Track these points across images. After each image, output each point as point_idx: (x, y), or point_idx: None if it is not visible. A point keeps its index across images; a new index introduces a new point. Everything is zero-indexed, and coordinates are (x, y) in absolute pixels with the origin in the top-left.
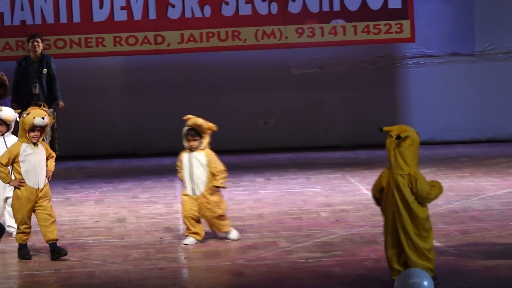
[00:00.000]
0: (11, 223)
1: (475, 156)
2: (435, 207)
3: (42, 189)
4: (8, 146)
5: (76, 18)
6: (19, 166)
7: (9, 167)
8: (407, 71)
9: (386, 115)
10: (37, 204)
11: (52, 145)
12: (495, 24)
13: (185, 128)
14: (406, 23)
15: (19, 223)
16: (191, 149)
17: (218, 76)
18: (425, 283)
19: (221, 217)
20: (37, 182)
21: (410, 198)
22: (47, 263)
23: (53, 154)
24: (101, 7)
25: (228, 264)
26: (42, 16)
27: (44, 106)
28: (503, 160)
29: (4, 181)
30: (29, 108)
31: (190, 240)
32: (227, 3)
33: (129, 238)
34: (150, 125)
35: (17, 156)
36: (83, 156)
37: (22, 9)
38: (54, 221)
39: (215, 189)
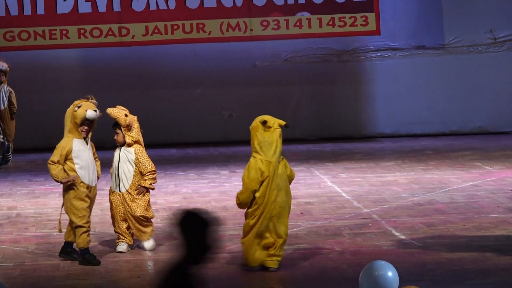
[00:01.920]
0: None
1: (440, 149)
2: (399, 199)
3: (94, 188)
4: None
5: (40, 10)
6: (72, 163)
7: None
8: (372, 64)
9: (351, 108)
10: None
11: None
12: (460, 18)
13: None
14: (371, 16)
15: (84, 222)
16: (117, 144)
17: (182, 69)
18: (390, 273)
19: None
20: (91, 180)
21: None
22: (11, 255)
23: (96, 155)
24: None
25: None
26: (6, 8)
27: (92, 99)
28: (467, 153)
29: (57, 179)
30: (77, 101)
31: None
32: None
33: (94, 231)
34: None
35: (69, 152)
36: (48, 148)
37: None
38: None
39: (143, 190)
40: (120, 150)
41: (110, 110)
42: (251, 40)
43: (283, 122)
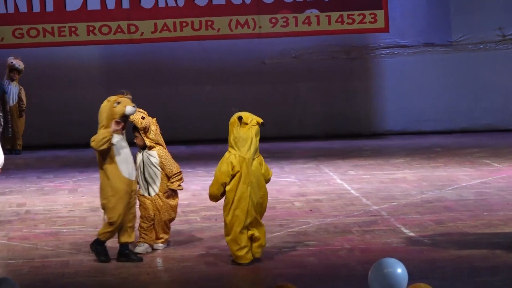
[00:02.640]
0: None
1: (449, 146)
2: (408, 197)
3: (134, 183)
4: None
5: (49, 7)
6: (113, 156)
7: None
8: (381, 61)
9: (360, 105)
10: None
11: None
12: (469, 15)
13: None
14: (380, 13)
15: (115, 220)
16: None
17: (191, 66)
18: (399, 271)
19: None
20: (131, 174)
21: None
22: (20, 252)
23: None
24: None
25: (202, 253)
26: (15, 5)
27: (127, 94)
28: (476, 150)
29: (105, 142)
30: (113, 97)
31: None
32: None
33: None
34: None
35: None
36: (57, 145)
37: None
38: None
39: (171, 193)
40: (142, 154)
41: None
42: (260, 37)
43: (260, 120)
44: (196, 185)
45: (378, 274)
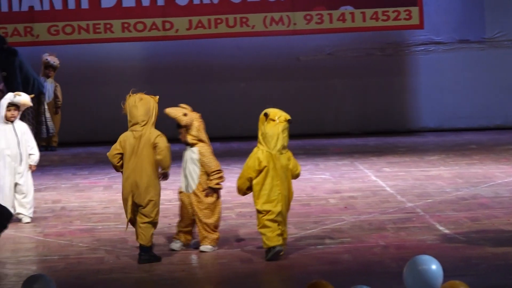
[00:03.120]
0: (21, 211)
1: (484, 143)
2: (443, 194)
3: None
4: (17, 133)
5: (84, 4)
6: None
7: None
8: (415, 58)
9: (395, 102)
10: None
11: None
12: (504, 11)
13: None
14: (414, 10)
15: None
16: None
17: (225, 63)
18: (434, 268)
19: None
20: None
21: None
22: (56, 248)
23: None
24: None
25: (237, 250)
26: (50, 2)
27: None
28: None
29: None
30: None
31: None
32: None
33: None
34: (158, 114)
35: None
36: (92, 142)
37: None
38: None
39: (210, 191)
40: (186, 150)
41: (168, 110)
42: (294, 34)
43: (288, 117)
44: (231, 182)
45: (413, 271)
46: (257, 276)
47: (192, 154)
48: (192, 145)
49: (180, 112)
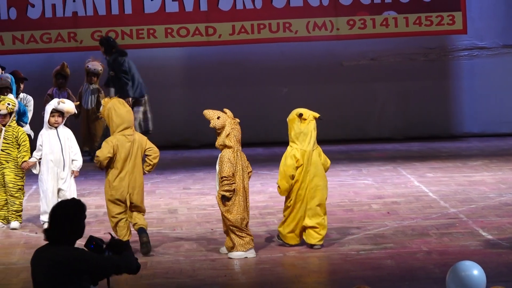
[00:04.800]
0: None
1: None
2: (486, 199)
3: None
4: (61, 139)
5: (128, 9)
6: None
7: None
8: (459, 63)
9: (438, 107)
10: None
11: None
12: None
13: None
14: (458, 15)
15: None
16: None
17: (268, 68)
18: (477, 274)
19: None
20: None
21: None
22: None
23: None
24: None
25: (280, 255)
26: (94, 8)
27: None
28: None
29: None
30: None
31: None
32: None
33: (180, 229)
34: (201, 117)
35: None
36: None
37: (74, 1)
38: None
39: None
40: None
41: (206, 111)
42: (338, 39)
43: (317, 115)
44: (273, 187)
45: (456, 276)
46: (299, 281)
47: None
48: (220, 148)
49: (214, 115)
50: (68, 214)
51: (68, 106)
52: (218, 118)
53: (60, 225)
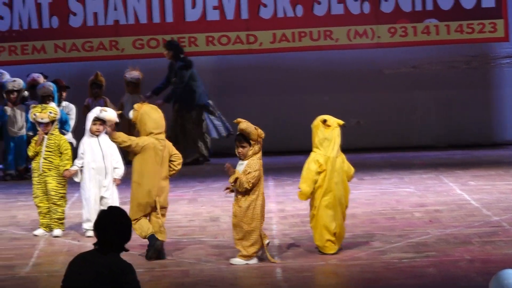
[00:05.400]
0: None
1: None
2: None
3: None
4: (102, 147)
5: (169, 18)
6: None
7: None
8: (501, 70)
9: (480, 115)
10: None
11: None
12: None
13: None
14: (500, 22)
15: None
16: (239, 157)
17: (309, 76)
18: None
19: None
20: None
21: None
22: (141, 261)
23: None
24: (193, 6)
25: (322, 264)
26: (135, 16)
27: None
28: None
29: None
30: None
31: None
32: (319, 3)
33: (222, 237)
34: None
35: None
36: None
37: (115, 9)
38: None
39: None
40: (239, 164)
41: (244, 125)
42: (379, 47)
43: (341, 122)
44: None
45: (499, 285)
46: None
47: (240, 167)
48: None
49: (252, 126)
50: (116, 222)
51: (110, 114)
52: (256, 129)
53: (108, 235)
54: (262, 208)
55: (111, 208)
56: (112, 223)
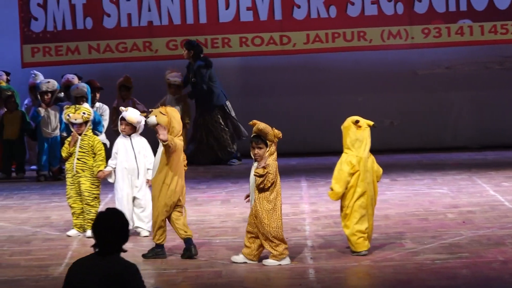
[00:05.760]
0: (139, 224)
1: None
2: None
3: None
4: (134, 148)
5: (203, 19)
6: None
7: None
8: None
9: None
10: None
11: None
12: None
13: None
14: None
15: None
16: (255, 159)
17: (343, 77)
18: None
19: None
20: None
21: None
22: (174, 262)
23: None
24: (227, 7)
25: (354, 265)
26: (169, 17)
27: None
28: None
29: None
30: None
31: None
32: (352, 4)
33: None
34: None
35: None
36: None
37: (149, 10)
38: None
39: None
40: (254, 164)
41: (259, 124)
42: (412, 48)
43: (371, 123)
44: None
45: None
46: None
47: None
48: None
49: (269, 127)
50: (114, 223)
51: (130, 114)
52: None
53: (107, 237)
54: (281, 208)
55: (108, 210)
56: (110, 225)
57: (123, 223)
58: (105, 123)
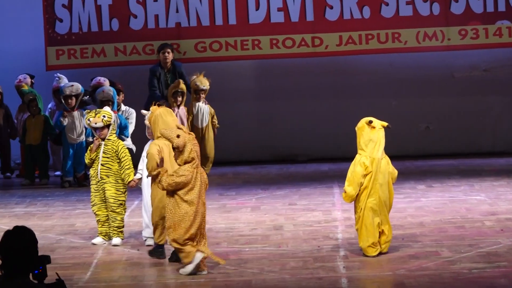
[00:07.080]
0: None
1: None
2: None
3: None
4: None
5: (232, 20)
6: None
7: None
8: None
9: None
10: None
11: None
12: None
13: None
14: None
15: None
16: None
17: (376, 80)
18: None
19: None
20: None
21: None
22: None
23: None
24: (257, 8)
25: (389, 274)
26: (198, 18)
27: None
28: None
29: None
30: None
31: None
32: (387, 4)
33: (286, 246)
34: (307, 130)
35: None
36: (239, 161)
37: (177, 11)
38: None
39: None
40: None
41: (163, 132)
42: (448, 49)
43: (385, 124)
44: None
45: None
46: None
47: None
48: None
49: (173, 134)
50: (20, 246)
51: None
52: (178, 136)
53: (13, 258)
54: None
55: (15, 229)
56: (14, 245)
57: (29, 243)
58: (131, 126)
